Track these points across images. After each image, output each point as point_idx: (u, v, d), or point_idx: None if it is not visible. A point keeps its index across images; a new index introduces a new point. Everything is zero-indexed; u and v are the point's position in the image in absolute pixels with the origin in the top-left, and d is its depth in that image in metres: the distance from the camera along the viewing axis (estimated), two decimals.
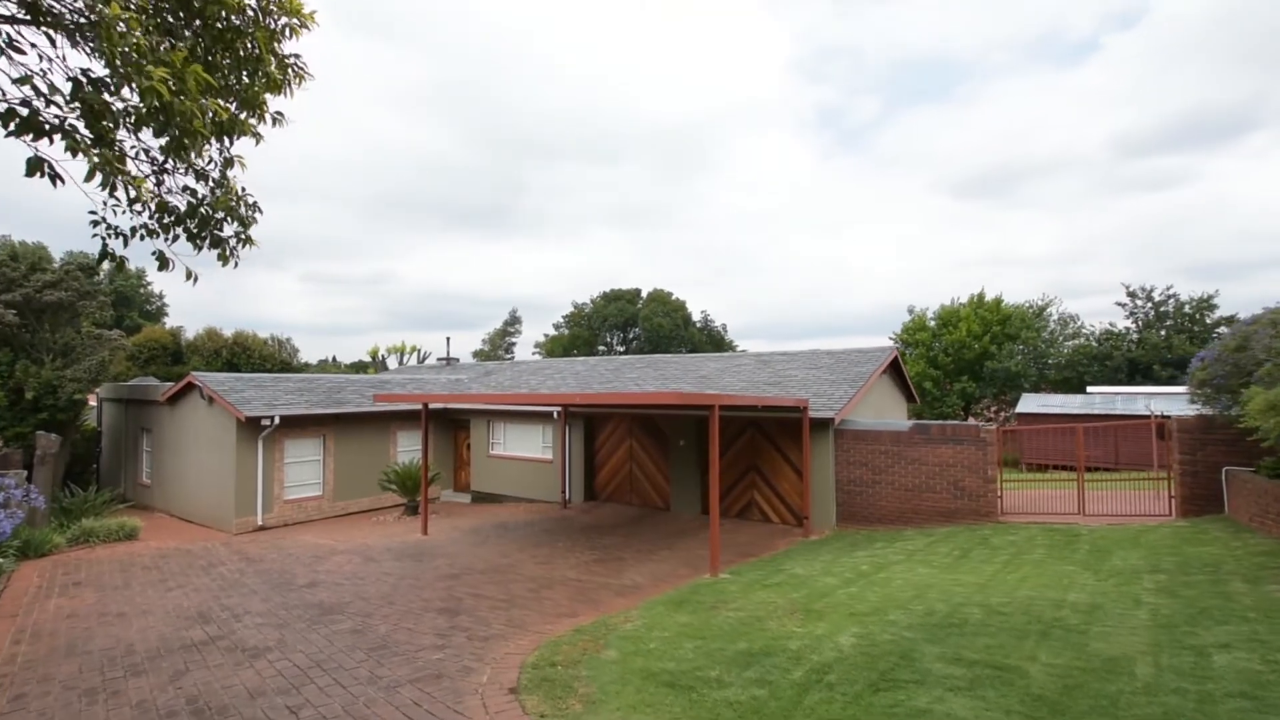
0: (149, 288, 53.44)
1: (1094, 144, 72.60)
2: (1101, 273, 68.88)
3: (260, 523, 14.58)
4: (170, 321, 47.70)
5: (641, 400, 8.58)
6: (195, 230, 3.89)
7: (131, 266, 51.91)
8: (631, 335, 52.74)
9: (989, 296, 35.05)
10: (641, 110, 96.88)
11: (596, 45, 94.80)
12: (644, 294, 52.33)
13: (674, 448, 15.20)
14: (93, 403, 21.41)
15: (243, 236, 4.16)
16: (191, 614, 7.29)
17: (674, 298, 50.76)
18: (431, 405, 16.82)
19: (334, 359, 61.36)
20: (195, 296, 78.72)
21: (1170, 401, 22.96)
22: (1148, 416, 17.27)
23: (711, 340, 52.93)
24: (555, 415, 16.77)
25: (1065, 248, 73.35)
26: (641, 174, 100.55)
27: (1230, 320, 30.04)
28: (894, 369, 18.26)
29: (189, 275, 3.86)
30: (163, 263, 3.82)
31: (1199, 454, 10.41)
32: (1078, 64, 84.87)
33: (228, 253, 4.09)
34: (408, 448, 18.39)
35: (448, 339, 25.90)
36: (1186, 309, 30.57)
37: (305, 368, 44.32)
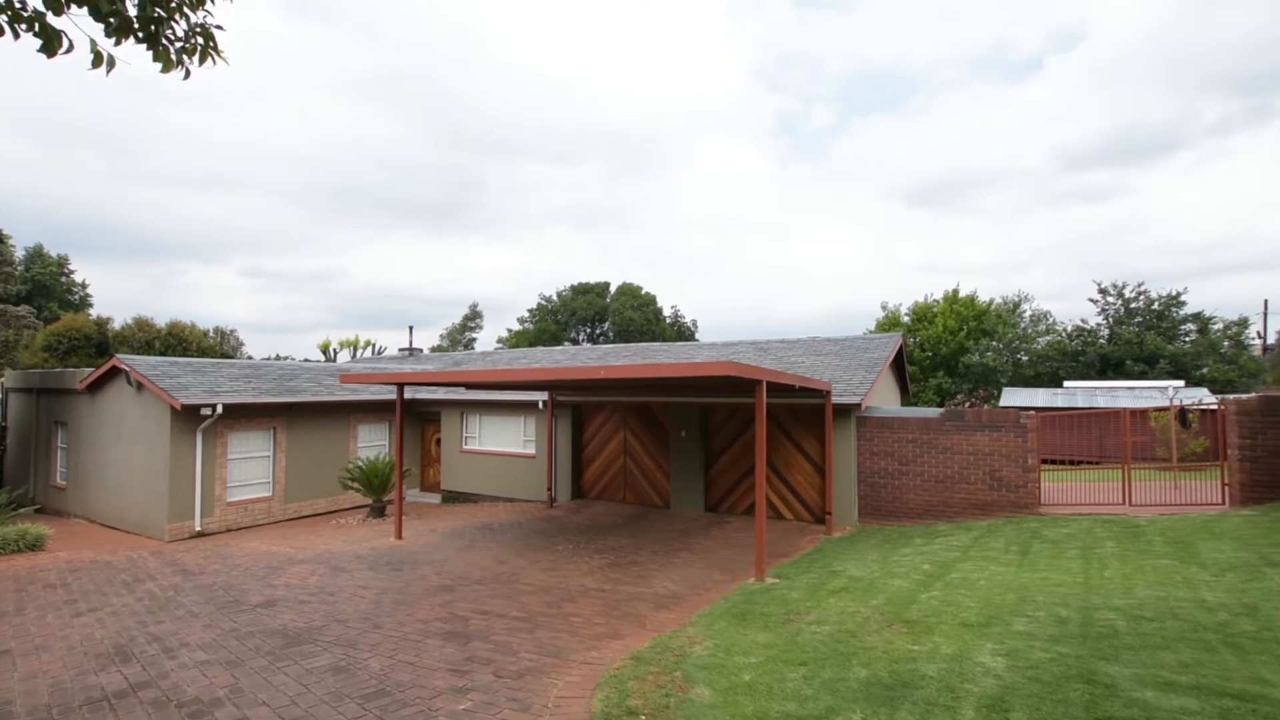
0: (71, 276, 48.95)
1: (1036, 158, 74.83)
2: (1038, 281, 71.17)
3: (199, 528, 12.51)
4: (95, 314, 43.60)
5: (680, 372, 7.18)
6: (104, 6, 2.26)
7: (53, 254, 47.48)
8: (599, 332, 51.07)
9: (938, 297, 35.01)
10: (601, 112, 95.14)
11: (557, 45, 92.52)
12: (613, 288, 50.80)
13: (675, 440, 13.84)
14: None
15: (197, 38, 2.50)
16: (106, 649, 5.49)
17: (644, 292, 49.37)
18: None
19: (278, 356, 57.64)
20: (124, 289, 72.93)
21: (1146, 396, 22.95)
22: (1167, 405, 16.85)
23: (681, 336, 51.78)
24: (540, 405, 15.18)
25: (1005, 255, 75.30)
26: (601, 175, 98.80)
27: (1197, 317, 30.69)
28: (895, 359, 17.40)
29: (100, 59, 2.23)
30: (46, 40, 2.20)
31: (1259, 438, 9.67)
32: (1023, 81, 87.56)
33: (171, 54, 2.46)
34: (370, 442, 16.49)
35: (410, 328, 23.91)
36: (1155, 306, 31.05)
37: None
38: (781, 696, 3.99)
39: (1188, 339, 30.40)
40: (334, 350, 40.83)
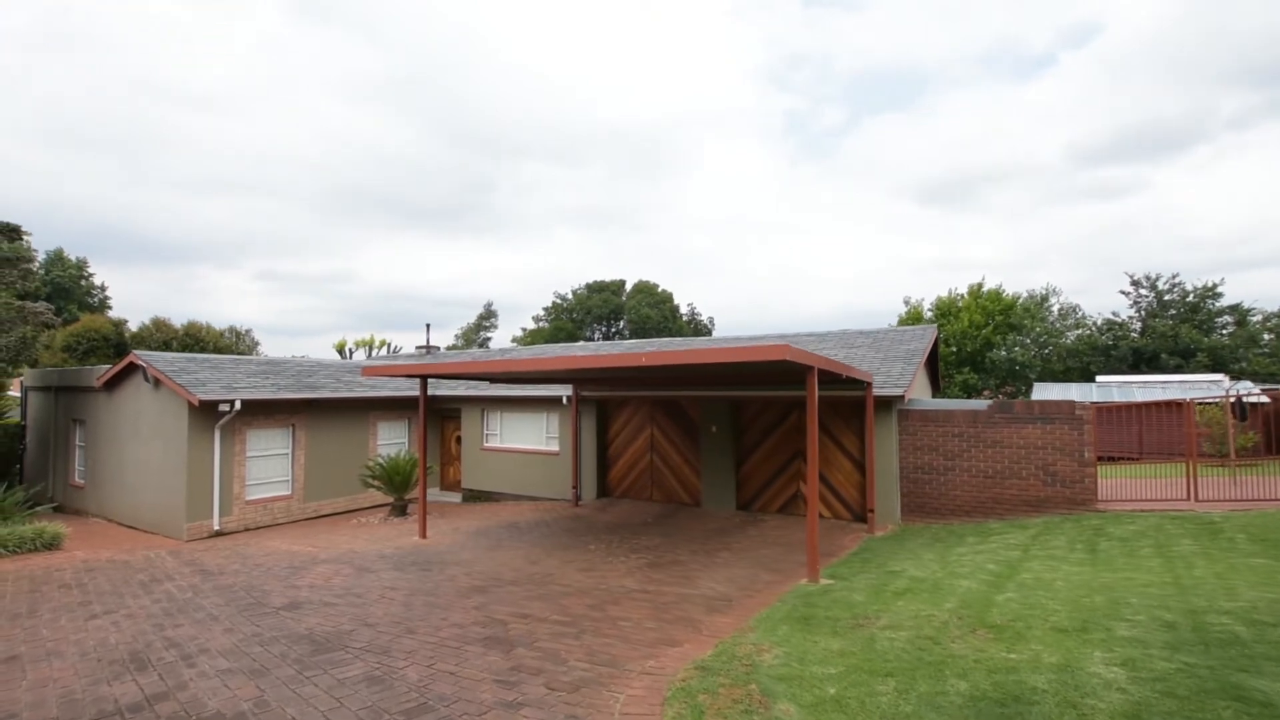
0: (90, 279, 49.27)
1: (1050, 154, 72.96)
2: (1052, 277, 69.40)
3: (217, 527, 12.19)
4: (113, 316, 43.79)
5: (730, 358, 6.73)
6: None
7: (72, 258, 47.90)
8: (615, 330, 50.58)
9: (963, 291, 34.15)
10: (606, 113, 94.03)
11: (562, 46, 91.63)
12: (628, 286, 50.24)
13: (705, 435, 13.34)
14: (15, 393, 18.51)
15: None
16: (121, 655, 5.09)
17: (660, 289, 48.79)
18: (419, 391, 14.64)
19: (293, 357, 57.80)
20: (139, 292, 73.31)
21: (1191, 389, 22.11)
22: (1218, 398, 16.10)
23: (698, 334, 51.21)
24: (564, 400, 14.75)
25: (1018, 252, 73.54)
26: (607, 176, 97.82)
27: (1235, 309, 29.65)
28: (928, 354, 16.80)
29: None
30: None
31: None
32: (1035, 77, 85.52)
33: None
34: (389, 440, 16.14)
35: (427, 325, 23.56)
36: (1190, 298, 30.03)
37: None
38: (878, 714, 3.49)
39: (1224, 331, 29.37)
40: (350, 350, 40.74)
